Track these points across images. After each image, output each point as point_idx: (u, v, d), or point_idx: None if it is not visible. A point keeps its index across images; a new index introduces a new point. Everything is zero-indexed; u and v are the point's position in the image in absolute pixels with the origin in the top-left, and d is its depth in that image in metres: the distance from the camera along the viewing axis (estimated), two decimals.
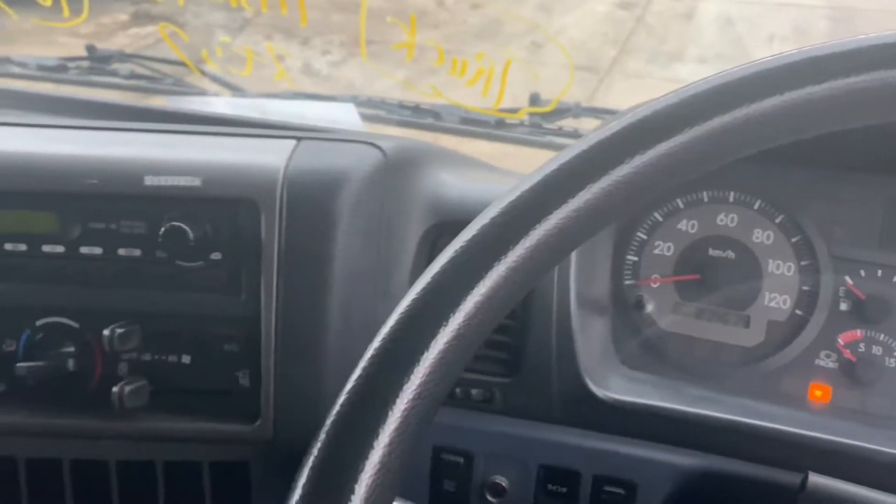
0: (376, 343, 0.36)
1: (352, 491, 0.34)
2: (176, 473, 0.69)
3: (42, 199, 0.63)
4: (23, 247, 0.63)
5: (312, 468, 0.35)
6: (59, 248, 0.63)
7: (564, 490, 0.66)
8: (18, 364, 0.62)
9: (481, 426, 0.67)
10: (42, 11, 1.11)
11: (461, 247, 0.36)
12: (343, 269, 0.62)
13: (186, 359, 0.63)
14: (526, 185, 0.36)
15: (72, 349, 0.63)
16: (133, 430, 0.65)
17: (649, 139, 0.35)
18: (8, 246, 0.63)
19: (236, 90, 1.16)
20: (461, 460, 0.68)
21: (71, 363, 0.63)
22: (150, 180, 0.60)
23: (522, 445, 0.67)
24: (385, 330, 0.36)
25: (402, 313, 0.36)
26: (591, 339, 0.67)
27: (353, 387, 0.35)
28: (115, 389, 0.61)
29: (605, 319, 0.70)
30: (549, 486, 0.66)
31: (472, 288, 0.35)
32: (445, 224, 0.67)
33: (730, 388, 0.67)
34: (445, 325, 0.35)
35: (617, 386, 0.66)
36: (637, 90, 2.73)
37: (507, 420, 0.67)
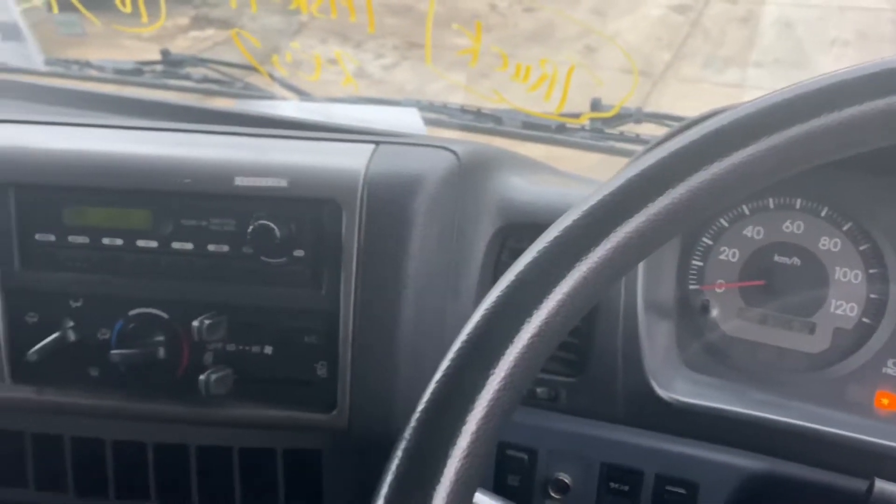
0: (463, 336, 0.38)
1: (442, 474, 0.36)
2: (251, 460, 0.73)
3: (138, 196, 0.67)
4: (119, 241, 0.67)
5: (406, 450, 0.37)
6: (153, 244, 0.67)
7: (626, 488, 0.67)
8: (112, 351, 0.66)
9: (546, 424, 0.69)
10: (116, 14, 1.17)
11: (545, 246, 0.37)
12: (417, 267, 0.65)
13: (268, 349, 0.67)
14: (607, 190, 0.38)
15: (161, 338, 0.67)
16: (215, 417, 0.68)
17: (728, 147, 0.36)
18: (105, 240, 0.67)
19: (303, 94, 1.20)
20: (525, 456, 0.69)
21: (161, 351, 0.67)
22: (240, 181, 0.64)
23: (586, 443, 0.68)
24: (471, 323, 0.38)
25: (487, 308, 0.38)
26: (656, 342, 0.68)
27: (443, 376, 0.37)
28: (202, 377, 0.65)
29: (670, 323, 0.71)
30: (612, 484, 0.68)
31: (556, 286, 0.37)
32: (514, 226, 0.69)
33: (794, 393, 0.68)
34: (529, 321, 0.37)
35: (681, 388, 0.67)
36: (691, 95, 2.70)
37: (571, 419, 0.69)
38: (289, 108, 1.15)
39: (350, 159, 0.66)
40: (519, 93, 1.03)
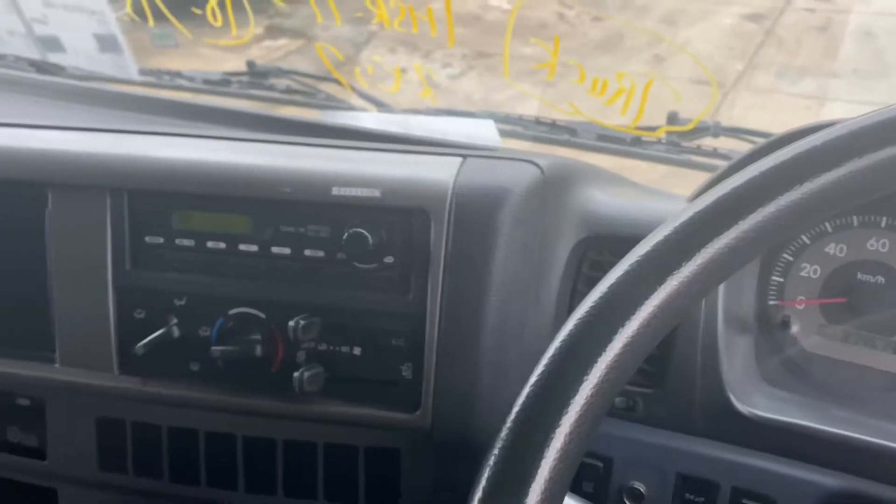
0: (557, 342, 0.39)
1: (536, 472, 0.38)
2: (334, 455, 0.76)
3: (241, 203, 0.71)
4: (222, 245, 0.72)
5: (502, 448, 0.39)
6: (253, 248, 0.71)
7: (702, 500, 0.68)
8: (213, 348, 0.71)
9: (622, 433, 0.70)
10: (204, 26, 1.23)
11: (638, 259, 0.39)
12: (501, 276, 0.67)
13: (357, 350, 0.70)
14: (699, 207, 0.40)
15: (259, 337, 0.71)
16: (305, 412, 0.72)
17: (820, 168, 0.37)
18: (209, 244, 0.72)
19: (381, 105, 1.24)
20: (601, 464, 0.71)
21: (258, 349, 0.71)
22: (336, 191, 0.68)
23: (662, 454, 0.69)
24: (566, 331, 0.39)
25: (581, 317, 0.39)
26: (735, 356, 0.69)
27: (538, 380, 0.39)
28: (296, 375, 0.68)
29: (749, 337, 0.71)
30: (687, 495, 0.68)
31: (647, 298, 0.39)
32: (595, 238, 0.71)
33: (875, 411, 0.67)
34: (622, 331, 0.39)
35: (760, 403, 0.67)
36: (764, 106, 2.65)
37: (648, 429, 0.70)
38: (370, 119, 1.19)
39: (439, 171, 0.69)
40: (589, 102, 1.04)
